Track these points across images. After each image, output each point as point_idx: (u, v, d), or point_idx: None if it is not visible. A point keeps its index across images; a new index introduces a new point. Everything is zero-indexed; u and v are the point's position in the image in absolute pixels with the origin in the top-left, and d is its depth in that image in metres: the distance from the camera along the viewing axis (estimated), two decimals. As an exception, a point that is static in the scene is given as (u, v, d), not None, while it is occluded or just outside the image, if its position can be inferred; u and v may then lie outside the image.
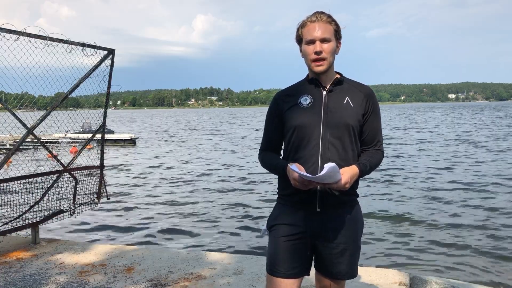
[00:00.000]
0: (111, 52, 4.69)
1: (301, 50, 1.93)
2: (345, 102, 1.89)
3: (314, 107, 1.88)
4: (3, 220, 4.23)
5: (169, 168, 15.97)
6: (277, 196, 2.06)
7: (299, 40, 1.92)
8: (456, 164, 14.95)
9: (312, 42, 1.85)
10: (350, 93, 1.92)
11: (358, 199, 2.01)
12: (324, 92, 1.91)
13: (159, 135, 35.43)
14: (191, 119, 76.56)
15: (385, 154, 2.07)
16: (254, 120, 65.80)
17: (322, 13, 1.86)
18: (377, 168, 2.04)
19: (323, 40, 1.83)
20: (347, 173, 1.75)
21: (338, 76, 1.96)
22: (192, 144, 26.25)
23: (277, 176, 2.02)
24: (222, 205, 9.59)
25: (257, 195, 10.62)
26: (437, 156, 17.34)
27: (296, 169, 1.72)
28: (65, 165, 4.77)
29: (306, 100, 1.91)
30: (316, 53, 1.83)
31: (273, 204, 2.08)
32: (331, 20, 1.86)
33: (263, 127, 2.12)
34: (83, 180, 4.96)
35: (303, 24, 1.88)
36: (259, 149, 2.10)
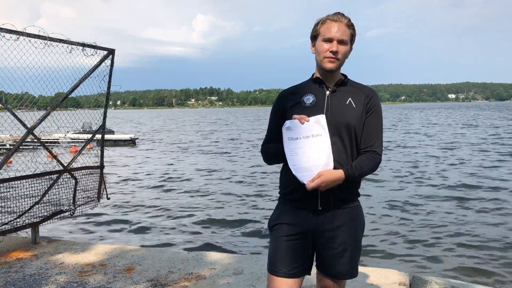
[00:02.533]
0: (111, 52, 4.69)
1: (313, 46, 1.94)
2: (347, 103, 1.90)
3: (317, 106, 1.89)
4: (3, 220, 4.23)
5: (169, 168, 15.97)
6: (278, 195, 2.06)
7: (315, 36, 1.92)
8: (458, 165, 14.96)
9: (329, 40, 1.86)
10: (353, 94, 1.93)
11: (359, 199, 2.00)
12: (328, 92, 1.92)
13: (161, 136, 35.43)
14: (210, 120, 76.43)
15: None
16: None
17: (344, 15, 1.89)
18: (379, 168, 2.01)
19: (340, 42, 1.86)
20: (325, 177, 1.76)
21: (342, 77, 1.97)
22: (192, 145, 26.24)
23: (279, 175, 2.02)
24: (222, 205, 9.59)
25: (258, 195, 10.62)
26: (439, 157, 17.34)
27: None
28: (65, 165, 4.77)
29: (309, 99, 1.92)
30: (333, 52, 1.85)
31: (274, 203, 2.08)
32: (350, 24, 1.89)
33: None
34: (83, 180, 4.96)
35: (323, 21, 1.90)
36: (261, 145, 2.09)
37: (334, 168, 1.81)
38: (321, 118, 1.82)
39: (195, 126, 50.71)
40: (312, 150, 1.81)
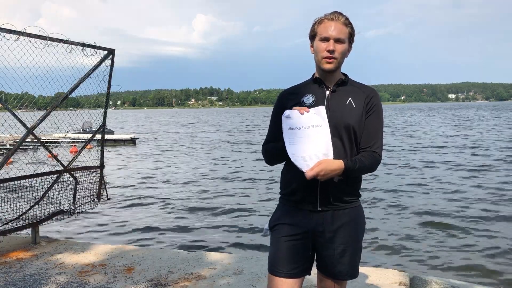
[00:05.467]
0: (111, 52, 4.69)
1: (312, 46, 1.93)
2: (347, 103, 1.89)
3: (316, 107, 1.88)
4: (3, 220, 4.23)
5: (169, 168, 15.97)
6: (279, 196, 2.06)
7: (313, 35, 1.92)
8: (460, 164, 14.96)
9: (326, 39, 1.85)
10: (353, 93, 1.91)
11: (360, 199, 2.00)
12: (328, 92, 1.91)
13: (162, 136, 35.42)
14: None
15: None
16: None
17: (341, 14, 1.88)
18: (379, 168, 2.00)
19: (337, 40, 1.85)
20: (324, 165, 1.73)
21: (342, 77, 1.96)
22: (192, 145, 26.25)
23: (280, 175, 2.02)
24: (222, 205, 9.59)
25: (258, 195, 10.62)
26: (441, 156, 17.35)
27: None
28: (65, 165, 4.77)
29: (308, 100, 1.91)
30: (329, 51, 1.84)
31: (275, 204, 2.08)
32: (348, 22, 1.88)
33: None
34: (83, 180, 4.96)
35: (320, 20, 1.89)
36: (262, 145, 2.08)
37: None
38: (321, 109, 1.80)
39: (197, 127, 50.69)
40: (312, 140, 1.79)
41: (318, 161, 1.75)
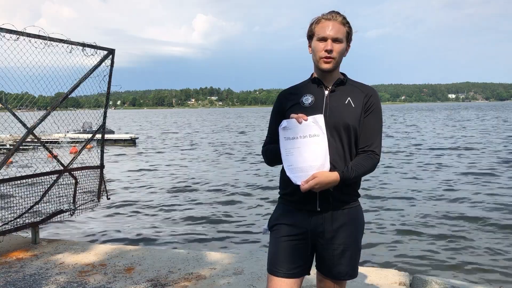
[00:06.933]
0: (111, 52, 4.69)
1: (310, 46, 1.94)
2: (346, 102, 1.89)
3: (316, 107, 1.88)
4: (3, 220, 4.23)
5: (169, 168, 15.97)
6: (278, 196, 2.06)
7: (310, 35, 1.92)
8: (460, 165, 14.95)
9: (324, 39, 1.85)
10: (352, 93, 1.91)
11: (359, 199, 2.00)
12: (326, 92, 1.92)
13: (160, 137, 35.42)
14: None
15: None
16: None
17: (338, 13, 1.88)
18: (379, 169, 2.00)
19: (335, 40, 1.85)
20: (319, 178, 1.75)
21: (341, 76, 1.96)
22: (192, 145, 26.25)
23: (279, 176, 2.02)
24: (222, 204, 9.59)
25: (258, 195, 10.62)
26: (441, 158, 17.34)
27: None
28: (65, 165, 4.77)
29: (308, 100, 1.91)
30: (327, 51, 1.84)
31: (274, 204, 2.08)
32: (345, 22, 1.88)
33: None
34: (83, 180, 4.96)
35: (317, 20, 1.89)
36: (262, 146, 2.09)
37: (332, 168, 1.80)
38: (319, 118, 1.80)
39: (197, 127, 50.69)
40: (309, 150, 1.79)
41: (313, 174, 1.77)
